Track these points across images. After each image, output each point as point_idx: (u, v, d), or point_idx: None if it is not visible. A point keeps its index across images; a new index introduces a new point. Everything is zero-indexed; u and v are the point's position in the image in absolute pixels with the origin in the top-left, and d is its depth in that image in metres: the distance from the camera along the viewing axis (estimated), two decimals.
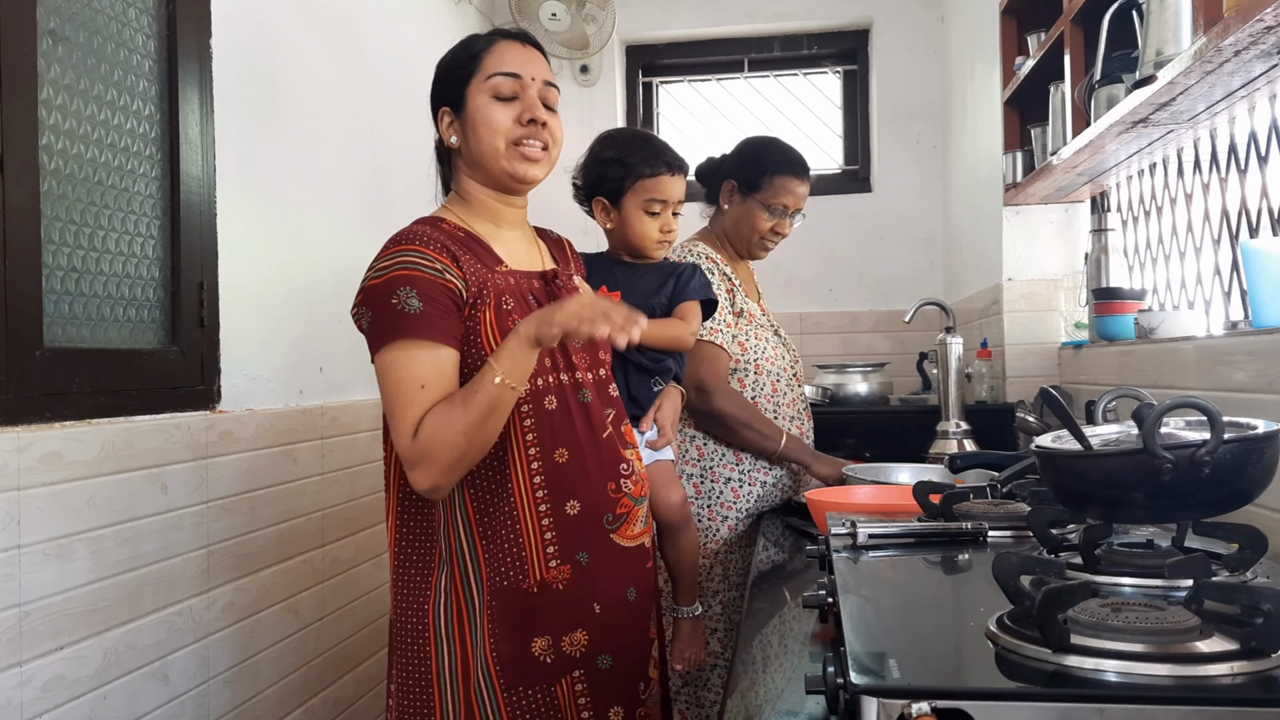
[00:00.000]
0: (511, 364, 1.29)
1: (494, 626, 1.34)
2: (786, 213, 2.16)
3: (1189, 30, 1.58)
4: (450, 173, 1.52)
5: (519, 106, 1.42)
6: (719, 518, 2.10)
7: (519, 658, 1.35)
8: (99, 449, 1.67)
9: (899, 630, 0.94)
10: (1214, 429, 0.97)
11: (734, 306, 2.15)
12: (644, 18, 3.98)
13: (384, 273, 1.33)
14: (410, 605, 1.40)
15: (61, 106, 1.66)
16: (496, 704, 1.34)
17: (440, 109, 1.47)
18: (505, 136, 1.41)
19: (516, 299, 1.40)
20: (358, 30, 2.71)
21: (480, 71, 1.42)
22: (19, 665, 1.51)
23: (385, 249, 1.37)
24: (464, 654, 1.36)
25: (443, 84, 1.47)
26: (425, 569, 1.40)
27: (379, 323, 1.32)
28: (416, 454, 1.28)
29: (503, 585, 1.35)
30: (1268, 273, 1.54)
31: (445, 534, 1.38)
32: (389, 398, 1.31)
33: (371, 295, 1.33)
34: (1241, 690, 0.72)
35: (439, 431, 1.28)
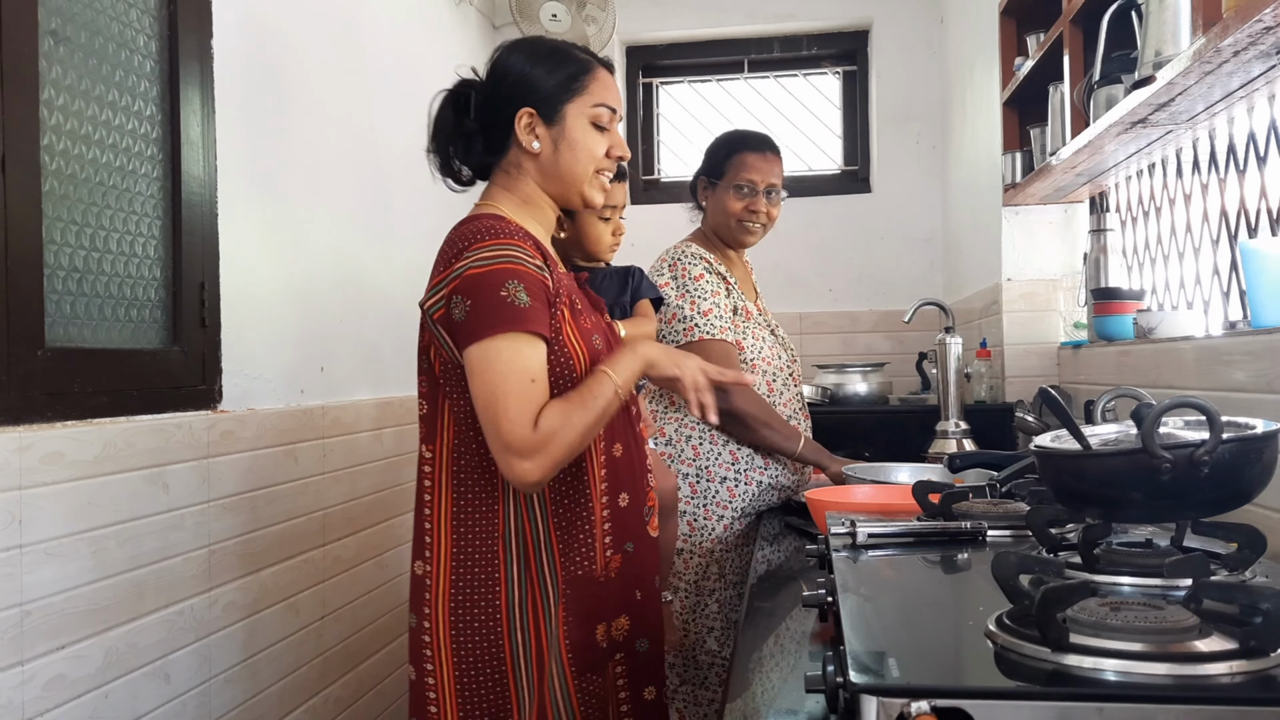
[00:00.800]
0: (626, 378, 1.38)
1: (569, 615, 1.39)
2: (756, 190, 2.17)
3: (1188, 31, 1.58)
4: (488, 162, 1.52)
5: (609, 140, 1.49)
6: (714, 516, 2.11)
7: (587, 644, 1.41)
8: (100, 449, 1.68)
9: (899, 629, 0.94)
10: (1213, 429, 0.97)
11: (730, 304, 2.15)
12: (644, 18, 3.98)
13: (487, 263, 1.33)
14: (476, 602, 1.40)
15: (63, 107, 1.66)
16: (568, 690, 1.39)
17: (522, 109, 1.45)
18: (597, 165, 1.48)
19: (579, 299, 1.48)
20: (358, 30, 2.71)
21: (585, 95, 1.46)
22: (20, 665, 1.51)
23: (480, 240, 1.36)
24: (539, 643, 1.39)
25: (534, 87, 1.46)
26: (491, 564, 1.40)
27: (484, 313, 1.31)
28: (534, 446, 1.29)
29: (577, 574, 1.40)
30: (1266, 273, 1.54)
31: (518, 525, 1.40)
32: (496, 387, 1.30)
33: (475, 284, 1.32)
34: (1240, 689, 0.73)
35: (562, 428, 1.31)
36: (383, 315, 2.79)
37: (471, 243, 1.36)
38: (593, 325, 1.46)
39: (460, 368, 1.36)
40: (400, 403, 2.85)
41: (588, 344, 1.43)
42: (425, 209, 3.03)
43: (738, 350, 2.13)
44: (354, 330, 2.62)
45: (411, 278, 2.94)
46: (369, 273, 2.73)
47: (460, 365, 1.36)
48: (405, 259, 2.92)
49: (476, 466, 1.40)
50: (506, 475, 1.32)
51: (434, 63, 3.28)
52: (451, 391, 1.40)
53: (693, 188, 2.29)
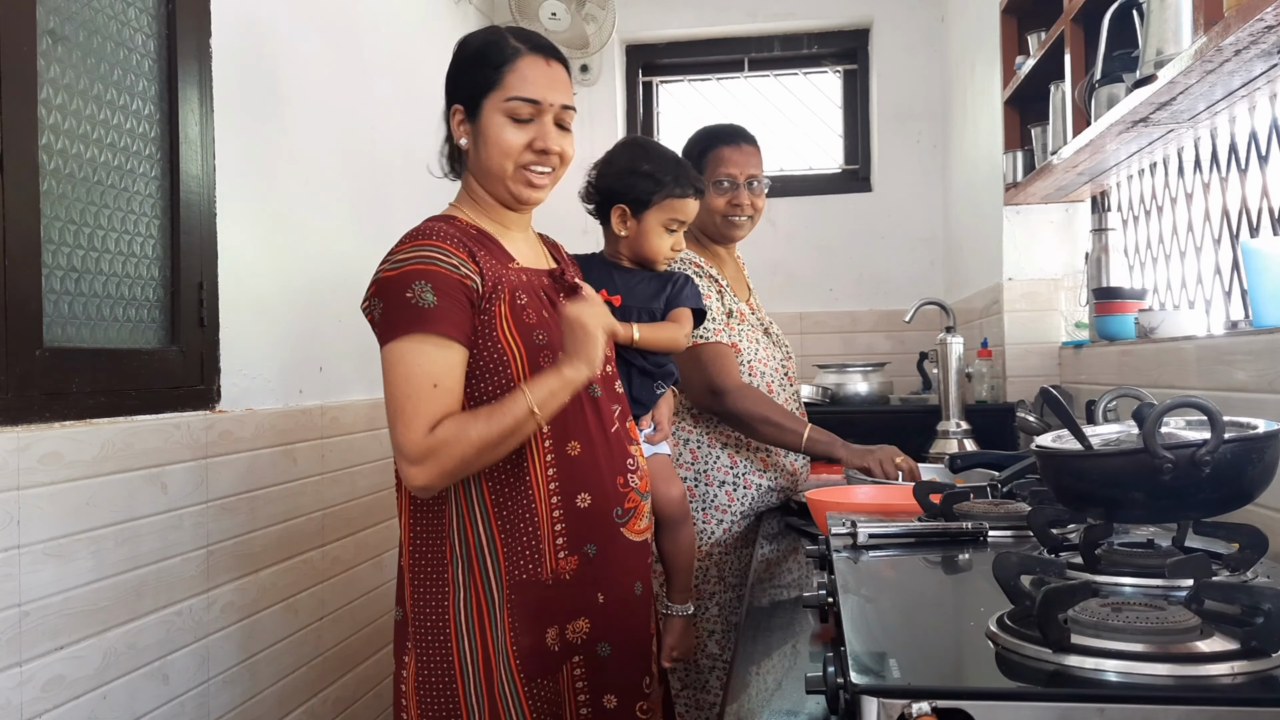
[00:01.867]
0: (547, 398, 1.34)
1: (514, 620, 1.37)
2: (736, 183, 2.15)
3: (1189, 30, 1.58)
4: (460, 165, 1.54)
5: (533, 131, 1.43)
6: (713, 520, 2.10)
7: (537, 649, 1.38)
8: (99, 449, 1.67)
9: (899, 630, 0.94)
10: (1214, 429, 0.97)
11: (724, 307, 2.15)
12: (644, 17, 3.98)
13: (399, 265, 1.34)
14: (429, 602, 1.40)
15: (61, 106, 1.66)
16: (518, 695, 1.37)
17: (454, 105, 1.46)
18: (515, 160, 1.43)
19: (530, 295, 1.43)
20: (358, 30, 2.71)
21: (501, 88, 1.41)
22: (19, 665, 1.51)
23: (401, 243, 1.38)
24: (485, 648, 1.37)
25: (459, 83, 1.46)
26: (440, 565, 1.40)
27: (391, 315, 1.33)
28: (423, 452, 1.29)
29: (522, 579, 1.38)
30: (1268, 272, 1.54)
31: (460, 529, 1.39)
32: (397, 390, 1.31)
33: (385, 287, 1.34)
34: (1242, 690, 0.72)
35: (454, 440, 1.29)
36: None
37: (397, 247, 1.38)
38: (540, 320, 1.42)
39: None
40: None
41: (525, 340, 1.39)
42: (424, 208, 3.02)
43: (734, 352, 2.13)
44: (352, 330, 2.61)
45: None
46: (368, 272, 2.70)
47: None
48: None
49: None
50: (402, 478, 1.33)
51: (433, 62, 3.27)
52: None
53: None
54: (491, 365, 1.38)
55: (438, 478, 1.31)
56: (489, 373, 1.38)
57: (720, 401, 2.03)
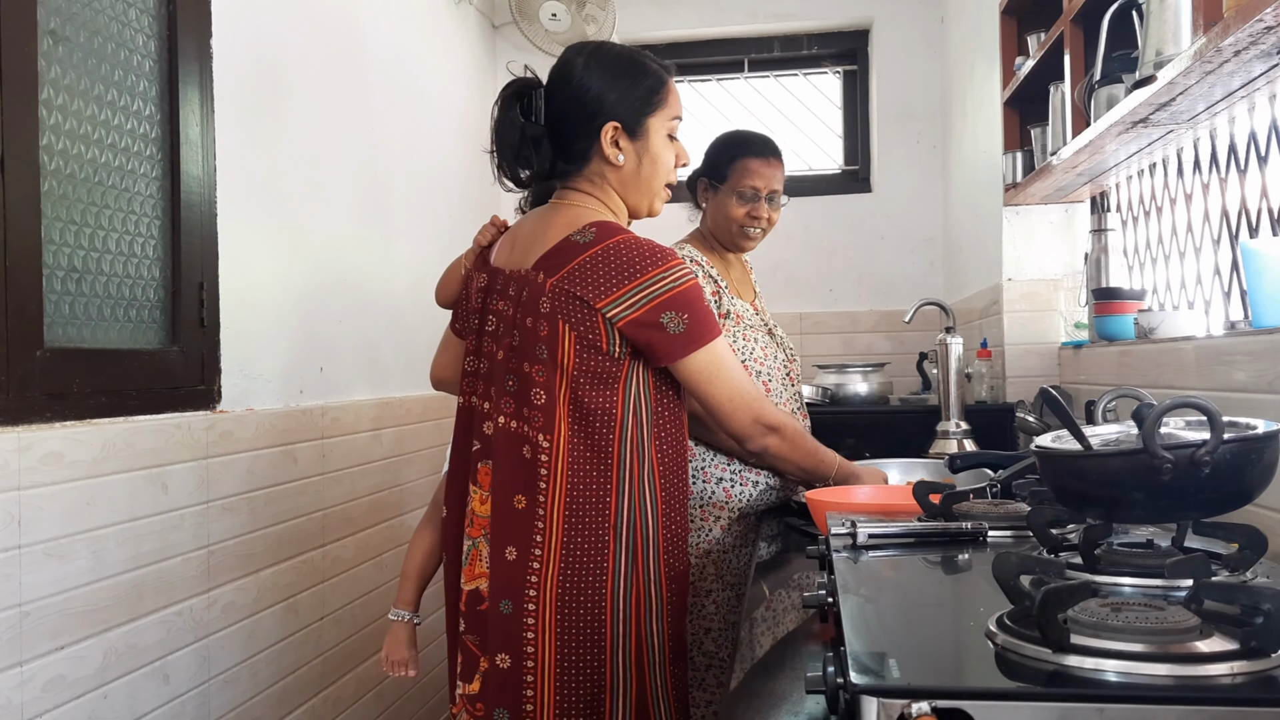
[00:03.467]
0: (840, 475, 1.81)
1: (671, 608, 1.50)
2: (758, 196, 2.15)
3: (1189, 30, 1.58)
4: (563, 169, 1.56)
5: (677, 149, 1.57)
6: (711, 518, 2.10)
7: (680, 636, 1.53)
8: (99, 449, 1.68)
9: (899, 630, 0.94)
10: (1214, 429, 0.97)
11: (720, 308, 2.15)
12: (644, 18, 3.98)
13: (684, 280, 1.46)
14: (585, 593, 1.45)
15: (62, 106, 1.66)
16: (665, 684, 1.49)
17: (608, 123, 1.51)
18: (669, 178, 1.58)
19: None
20: (358, 31, 2.71)
21: (665, 109, 1.54)
22: (19, 665, 1.51)
23: (667, 261, 1.46)
24: (638, 635, 1.47)
25: (618, 103, 1.52)
26: (600, 553, 1.45)
27: (702, 321, 1.47)
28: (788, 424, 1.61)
29: (678, 569, 1.52)
30: (1267, 273, 1.54)
31: (629, 519, 1.47)
32: (737, 376, 1.52)
33: (684, 300, 1.46)
34: (1241, 690, 0.72)
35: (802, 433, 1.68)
36: (382, 315, 2.79)
37: (658, 261, 1.46)
38: None
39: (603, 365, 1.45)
40: (400, 403, 2.85)
41: None
42: (424, 208, 3.03)
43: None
44: (353, 330, 2.61)
45: (411, 277, 2.94)
46: (368, 272, 2.72)
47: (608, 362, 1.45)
48: (405, 258, 2.92)
49: (593, 458, 1.45)
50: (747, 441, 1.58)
51: (433, 62, 3.28)
52: (584, 384, 1.45)
53: (691, 186, 2.28)
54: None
55: (775, 446, 1.61)
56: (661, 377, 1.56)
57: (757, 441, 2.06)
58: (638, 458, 1.47)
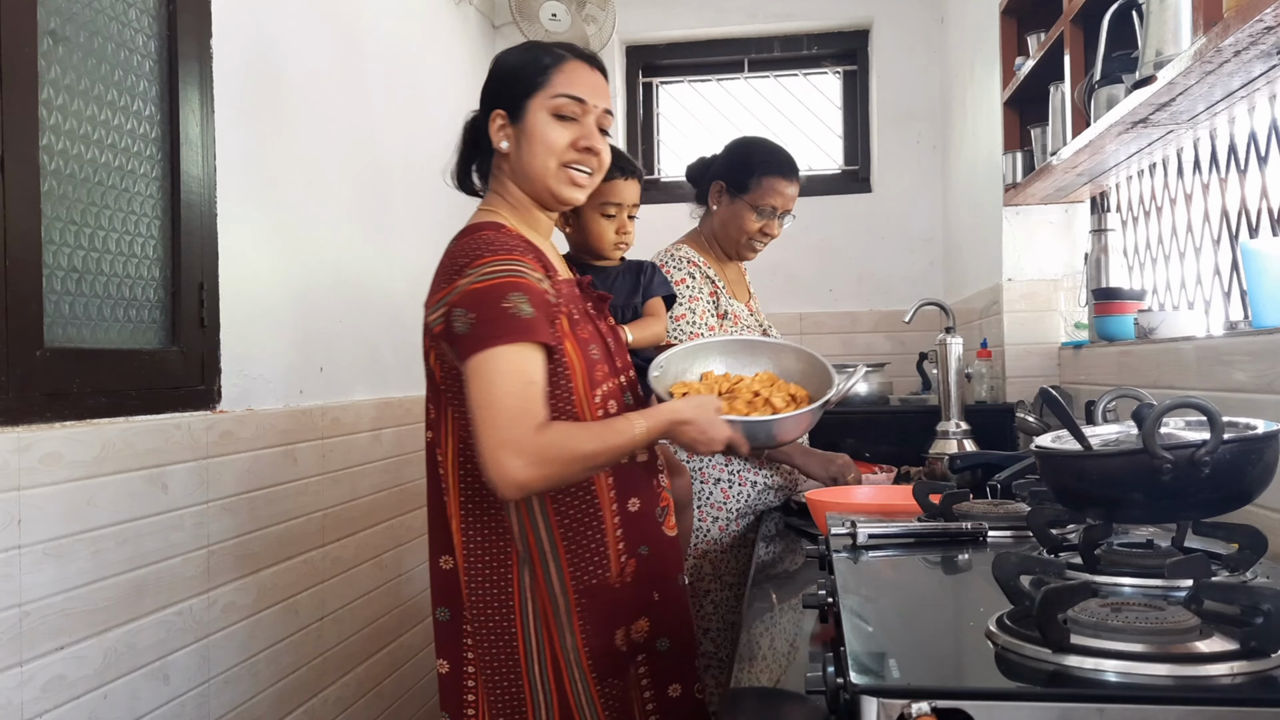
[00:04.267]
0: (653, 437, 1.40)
1: (584, 623, 1.41)
2: (775, 214, 2.16)
3: (1189, 30, 1.58)
4: (485, 168, 1.56)
5: (577, 130, 1.45)
6: (709, 518, 2.10)
7: (607, 650, 1.42)
8: (99, 449, 1.67)
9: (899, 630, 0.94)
10: (1214, 429, 0.97)
11: (718, 309, 2.15)
12: (644, 18, 3.98)
13: (490, 278, 1.33)
14: (492, 605, 1.42)
15: (62, 106, 1.66)
16: (590, 696, 1.41)
17: (494, 110, 1.47)
18: (559, 158, 1.45)
19: (577, 308, 1.47)
20: (358, 30, 2.71)
21: (547, 88, 1.44)
22: (19, 665, 1.51)
23: (483, 256, 1.35)
24: (554, 650, 1.41)
25: (503, 87, 1.48)
26: (504, 568, 1.42)
27: (489, 324, 1.31)
28: (535, 449, 1.28)
29: (591, 584, 1.41)
30: (1267, 273, 1.54)
31: (523, 537, 1.41)
32: (498, 389, 1.29)
33: (478, 299, 1.33)
34: (1241, 690, 0.73)
35: (565, 443, 1.30)
36: (382, 315, 2.79)
37: (474, 258, 1.36)
38: (590, 335, 1.46)
39: (460, 378, 1.35)
40: (400, 403, 2.85)
41: (584, 355, 1.43)
42: (424, 208, 3.02)
43: None
44: (353, 330, 2.61)
45: (411, 277, 2.94)
46: (368, 272, 2.72)
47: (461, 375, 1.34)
48: (405, 258, 2.92)
49: (478, 472, 1.37)
50: (492, 475, 1.28)
51: (433, 62, 3.28)
52: (454, 399, 1.41)
53: (698, 181, 2.26)
54: (557, 377, 1.39)
55: (538, 479, 1.29)
56: (555, 384, 1.39)
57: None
58: None
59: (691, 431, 1.42)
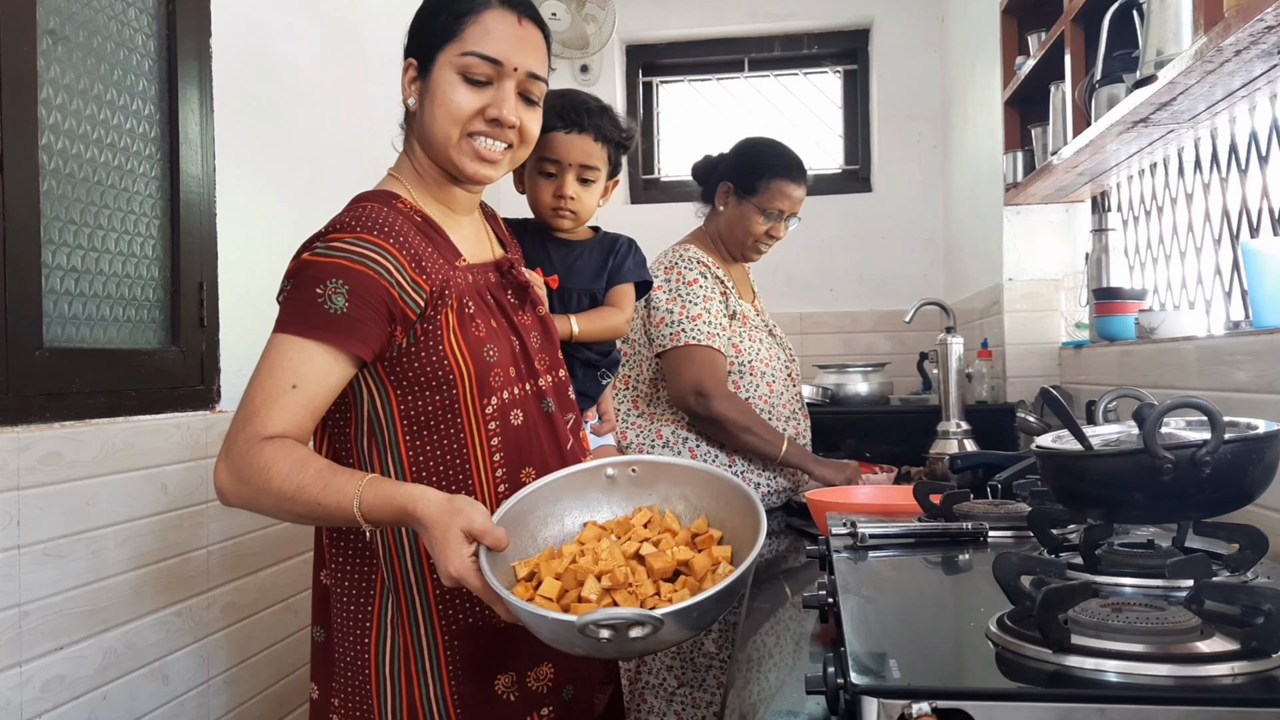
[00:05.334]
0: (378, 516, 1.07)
1: (453, 668, 1.20)
2: (782, 216, 2.17)
3: (1189, 30, 1.58)
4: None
5: (489, 95, 1.23)
6: None
7: (483, 696, 1.21)
8: (99, 449, 1.67)
9: (899, 630, 0.94)
10: (1214, 429, 0.97)
11: (728, 308, 2.15)
12: (644, 17, 3.98)
13: (324, 254, 1.16)
14: (351, 631, 1.23)
15: (61, 106, 1.66)
16: None
17: (408, 58, 1.28)
18: (462, 126, 1.24)
19: (476, 301, 1.26)
20: (358, 30, 2.71)
21: (457, 41, 1.22)
22: (19, 665, 1.51)
23: (335, 230, 1.18)
24: (410, 697, 1.20)
25: (418, 31, 1.28)
26: (366, 594, 1.22)
27: (291, 306, 1.16)
28: (241, 459, 1.10)
29: (466, 624, 1.20)
30: (1268, 273, 1.54)
31: (388, 561, 1.21)
32: (256, 381, 1.13)
33: (299, 273, 1.17)
34: (1242, 690, 0.72)
35: (266, 468, 1.08)
36: None
37: (331, 229, 1.18)
38: (491, 332, 1.25)
39: None
40: None
41: (475, 356, 1.21)
42: None
43: (734, 353, 2.13)
44: None
45: None
46: None
47: None
48: None
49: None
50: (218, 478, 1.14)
51: None
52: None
53: (705, 180, 2.26)
54: (434, 382, 1.19)
55: (234, 495, 1.12)
56: (431, 389, 1.19)
57: (705, 404, 2.04)
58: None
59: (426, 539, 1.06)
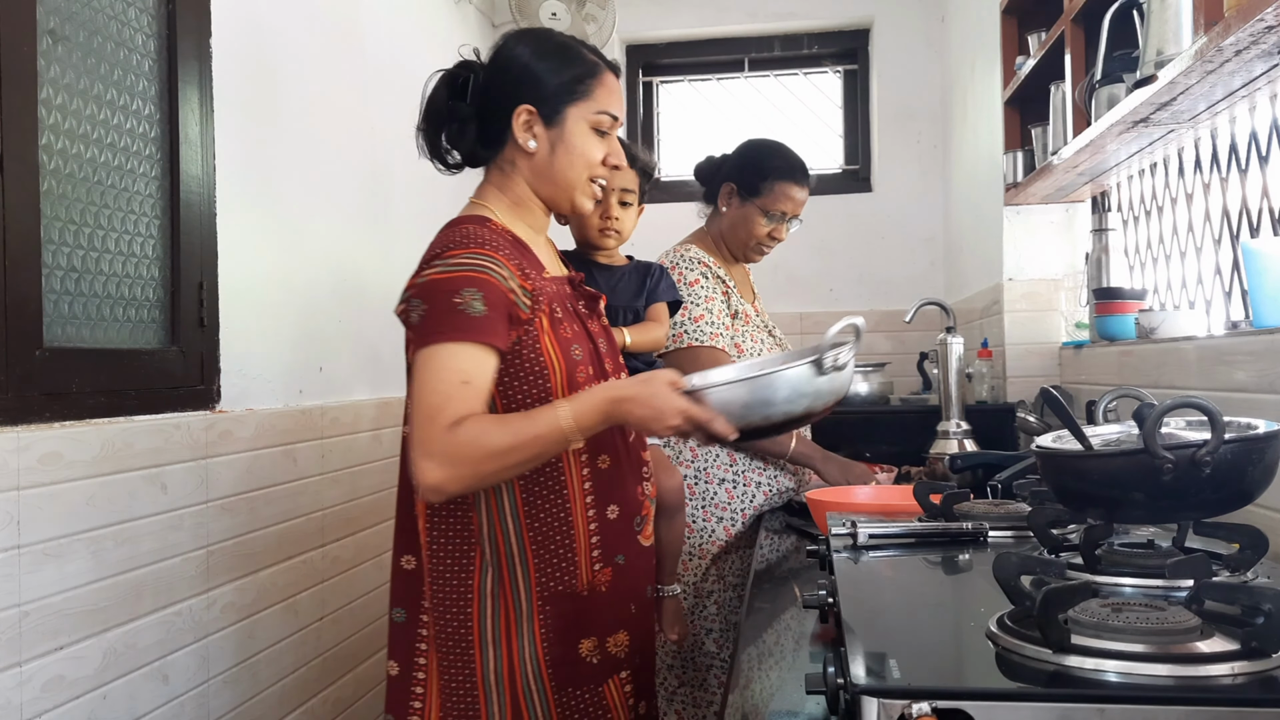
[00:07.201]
0: (582, 411, 1.27)
1: (545, 630, 1.36)
2: (785, 218, 2.17)
3: (1189, 30, 1.57)
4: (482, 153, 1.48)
5: (607, 147, 1.45)
6: (714, 519, 2.10)
7: (568, 659, 1.37)
8: (99, 449, 1.67)
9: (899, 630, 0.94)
10: (1215, 429, 0.97)
11: (730, 309, 2.15)
12: (644, 17, 3.98)
13: (450, 270, 1.31)
14: (452, 609, 1.38)
15: (61, 106, 1.66)
16: (547, 705, 1.36)
17: (521, 105, 1.42)
18: (591, 172, 1.45)
19: (562, 307, 1.42)
20: (358, 30, 2.71)
21: (589, 100, 1.43)
22: (19, 665, 1.51)
23: (451, 249, 1.33)
24: (510, 657, 1.36)
25: (536, 84, 1.43)
26: (465, 572, 1.38)
27: (436, 319, 1.30)
28: (442, 448, 1.24)
29: (556, 590, 1.36)
30: (1268, 273, 1.54)
31: (491, 538, 1.37)
32: (427, 387, 1.27)
33: (432, 290, 1.31)
34: (1242, 690, 0.72)
35: (475, 440, 1.24)
36: (382, 315, 2.78)
37: (446, 250, 1.34)
38: (574, 334, 1.42)
39: None
40: (400, 403, 2.83)
41: (565, 355, 1.38)
42: (424, 208, 3.02)
43: (736, 353, 2.13)
44: (353, 330, 2.61)
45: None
46: (368, 272, 2.72)
47: None
48: (404, 258, 2.90)
49: None
50: (414, 477, 1.26)
51: (433, 61, 3.25)
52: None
53: (708, 181, 2.26)
54: (533, 375, 1.36)
55: (451, 480, 1.25)
56: (529, 383, 1.36)
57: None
58: None
59: (638, 410, 1.28)
